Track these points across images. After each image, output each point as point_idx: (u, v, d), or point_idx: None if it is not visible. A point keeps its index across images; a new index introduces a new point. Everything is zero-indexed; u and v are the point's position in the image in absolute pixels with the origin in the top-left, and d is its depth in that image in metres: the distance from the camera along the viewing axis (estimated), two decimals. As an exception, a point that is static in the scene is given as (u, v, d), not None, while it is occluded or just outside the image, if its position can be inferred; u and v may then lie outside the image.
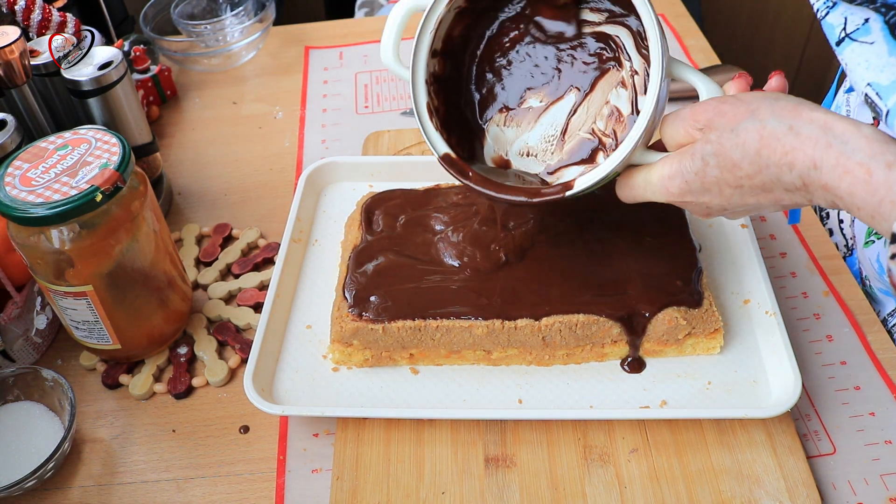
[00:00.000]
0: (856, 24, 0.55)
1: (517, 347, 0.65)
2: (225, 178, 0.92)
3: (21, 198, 0.59)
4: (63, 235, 0.60)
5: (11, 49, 0.73)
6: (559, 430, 0.63)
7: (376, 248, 0.71)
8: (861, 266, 0.76)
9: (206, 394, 0.69)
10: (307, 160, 0.93)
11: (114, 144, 0.63)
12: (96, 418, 0.68)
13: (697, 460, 0.60)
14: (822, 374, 0.66)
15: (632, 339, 0.65)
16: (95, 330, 0.66)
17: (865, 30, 0.55)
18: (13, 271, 0.68)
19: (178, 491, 0.63)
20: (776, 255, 0.77)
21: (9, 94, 0.76)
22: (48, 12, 0.87)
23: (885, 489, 0.59)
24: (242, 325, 0.74)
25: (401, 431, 0.64)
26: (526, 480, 0.60)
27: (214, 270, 0.79)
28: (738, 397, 0.63)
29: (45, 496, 0.63)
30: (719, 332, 0.65)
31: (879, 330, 0.69)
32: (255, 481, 0.63)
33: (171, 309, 0.70)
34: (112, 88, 0.77)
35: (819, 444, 0.62)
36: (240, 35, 1.07)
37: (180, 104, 1.05)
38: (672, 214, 0.72)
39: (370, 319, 0.65)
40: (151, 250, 0.66)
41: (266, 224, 0.85)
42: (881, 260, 0.69)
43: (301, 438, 0.65)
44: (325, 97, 1.03)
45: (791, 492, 0.58)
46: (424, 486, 0.60)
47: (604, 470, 0.60)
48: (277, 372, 0.67)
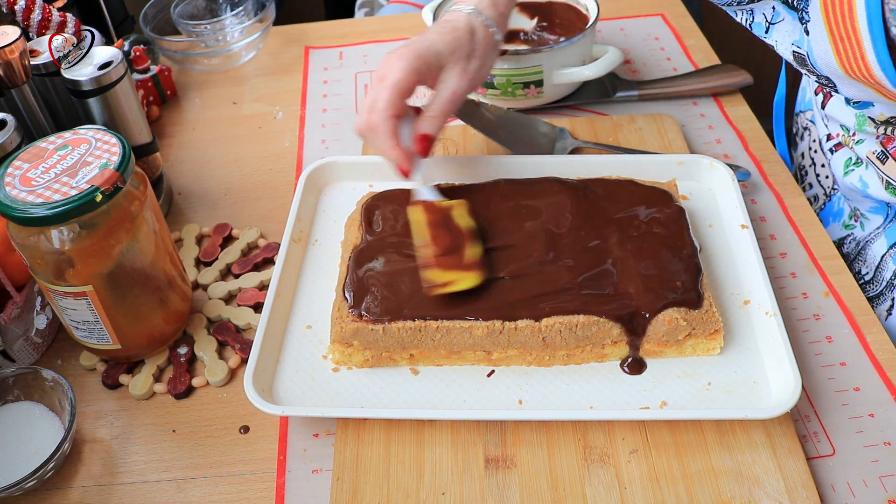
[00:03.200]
0: (770, 14, 0.71)
1: (517, 348, 0.65)
2: (225, 178, 0.92)
3: (21, 198, 0.59)
4: (63, 235, 0.60)
5: (11, 49, 0.73)
6: (559, 431, 0.63)
7: (376, 248, 0.71)
8: (845, 202, 0.83)
9: (206, 394, 0.69)
10: (307, 160, 0.93)
11: (114, 144, 0.63)
12: (96, 418, 0.68)
13: (697, 461, 0.61)
14: (822, 375, 0.66)
15: (632, 339, 0.65)
16: (95, 330, 0.66)
17: (776, 14, 0.70)
18: (13, 271, 0.68)
19: (178, 491, 0.63)
20: (776, 255, 0.77)
21: (9, 94, 0.76)
22: (48, 12, 0.87)
23: (884, 490, 0.59)
24: (242, 325, 0.74)
25: (401, 432, 0.64)
26: (526, 481, 0.60)
27: (214, 270, 0.79)
28: (738, 398, 0.63)
29: (45, 496, 0.63)
30: (719, 332, 0.65)
31: (879, 331, 0.69)
32: (255, 481, 0.63)
33: (171, 309, 0.70)
34: (112, 88, 0.77)
35: (818, 446, 0.62)
36: (240, 35, 1.07)
37: (180, 104, 1.05)
38: (672, 215, 0.72)
39: (370, 320, 0.65)
40: (151, 250, 0.66)
41: (266, 224, 0.85)
42: (862, 178, 0.78)
43: (301, 439, 0.65)
44: (325, 97, 1.03)
45: (791, 493, 0.58)
46: (424, 487, 0.60)
47: (604, 470, 0.60)
48: (277, 372, 0.67)
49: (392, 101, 0.68)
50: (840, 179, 0.81)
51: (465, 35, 0.71)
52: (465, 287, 0.65)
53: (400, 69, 0.68)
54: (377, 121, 0.68)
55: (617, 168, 0.80)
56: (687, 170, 0.81)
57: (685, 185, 0.80)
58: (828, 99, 0.78)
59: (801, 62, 0.70)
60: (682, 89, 0.96)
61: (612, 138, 0.90)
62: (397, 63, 0.68)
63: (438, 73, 0.71)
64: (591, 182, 0.76)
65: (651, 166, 0.81)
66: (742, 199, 0.76)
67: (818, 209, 0.89)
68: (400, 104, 0.69)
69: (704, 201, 0.80)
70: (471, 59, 0.72)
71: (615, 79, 0.98)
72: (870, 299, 0.78)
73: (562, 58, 0.90)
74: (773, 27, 0.71)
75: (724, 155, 0.88)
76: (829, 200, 0.88)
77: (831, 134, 0.82)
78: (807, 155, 0.93)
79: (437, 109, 0.71)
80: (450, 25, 0.72)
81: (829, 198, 0.89)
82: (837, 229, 0.86)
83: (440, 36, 0.71)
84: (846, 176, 0.80)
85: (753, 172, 0.86)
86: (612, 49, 0.92)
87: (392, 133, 0.68)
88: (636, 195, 0.74)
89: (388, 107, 0.68)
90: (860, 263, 0.81)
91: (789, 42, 0.70)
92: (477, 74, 0.73)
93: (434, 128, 0.70)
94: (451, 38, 0.71)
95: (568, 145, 0.88)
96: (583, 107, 0.97)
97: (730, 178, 0.78)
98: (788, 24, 0.69)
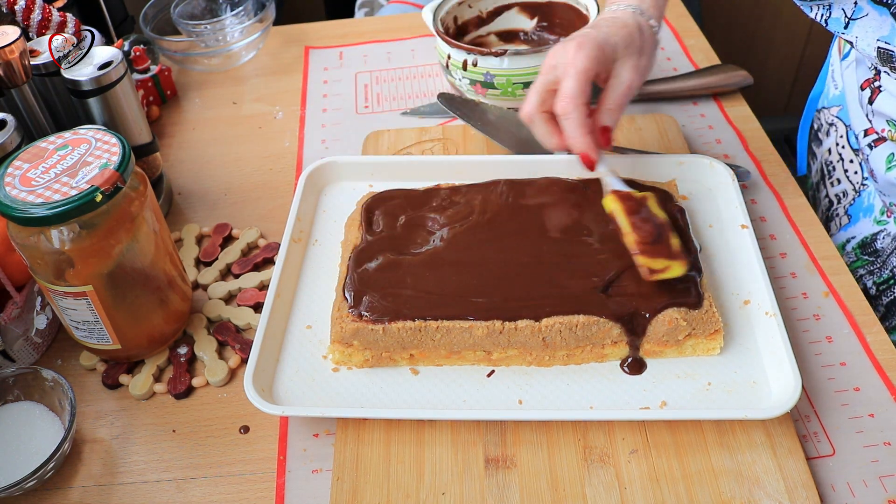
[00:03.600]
0: (850, 9, 0.72)
1: (517, 348, 0.65)
2: (225, 178, 0.92)
3: (21, 198, 0.59)
4: (63, 235, 0.60)
5: (11, 49, 0.73)
6: (559, 431, 0.63)
7: (376, 248, 0.71)
8: (877, 197, 0.84)
9: (206, 394, 0.69)
10: (307, 160, 0.93)
11: (114, 144, 0.63)
12: (96, 418, 0.68)
13: (697, 461, 0.61)
14: (822, 376, 0.66)
15: (632, 339, 0.65)
16: (95, 330, 0.66)
17: (859, 9, 0.71)
18: (13, 271, 0.68)
19: (178, 491, 0.63)
20: (776, 255, 0.77)
21: (9, 94, 0.76)
22: (48, 12, 0.87)
23: (884, 491, 0.59)
24: (242, 325, 0.74)
25: (401, 432, 0.64)
26: (526, 481, 0.60)
27: (214, 270, 0.79)
28: (738, 398, 0.63)
29: (45, 496, 0.63)
30: (719, 332, 0.65)
31: (879, 331, 0.69)
32: (255, 481, 0.63)
33: (171, 309, 0.70)
34: (112, 88, 0.77)
35: (818, 446, 0.62)
36: (240, 35, 1.07)
37: (180, 104, 1.05)
38: (673, 215, 0.72)
39: (370, 320, 0.65)
40: (151, 250, 0.66)
41: (266, 224, 0.85)
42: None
43: (301, 439, 0.65)
44: (325, 97, 1.03)
45: (790, 493, 0.58)
46: (424, 487, 0.60)
47: (604, 471, 0.60)
48: (277, 372, 0.67)
49: (582, 88, 0.67)
50: (881, 174, 0.81)
51: (636, 31, 0.72)
52: (677, 274, 0.65)
53: (586, 57, 0.67)
54: (570, 108, 0.67)
55: (617, 168, 0.80)
56: (687, 170, 0.81)
57: (685, 185, 0.80)
58: (876, 94, 0.78)
59: (886, 58, 0.70)
60: (682, 89, 0.96)
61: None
62: (581, 52, 0.67)
63: (611, 65, 0.70)
64: (591, 182, 0.76)
65: (651, 166, 0.81)
66: (742, 199, 0.76)
67: (847, 205, 0.89)
68: (588, 91, 0.68)
69: (704, 201, 0.80)
70: (641, 55, 0.72)
71: (615, 79, 0.98)
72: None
73: (562, 58, 0.90)
74: (854, 23, 0.71)
75: (724, 155, 0.88)
76: (858, 196, 0.88)
77: (872, 129, 0.81)
78: (834, 150, 0.92)
79: (615, 102, 0.70)
80: (621, 21, 0.72)
81: (858, 193, 0.88)
82: (868, 224, 0.85)
83: (615, 30, 0.71)
84: (889, 171, 0.79)
85: (753, 172, 0.86)
86: (612, 49, 0.92)
87: (583, 121, 0.68)
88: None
89: (580, 94, 0.67)
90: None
91: (874, 38, 0.70)
92: (646, 70, 0.73)
93: (613, 120, 0.70)
94: (625, 33, 0.70)
95: (568, 145, 0.88)
96: (583, 107, 0.97)
97: (730, 178, 0.78)
98: (874, 20, 0.70)
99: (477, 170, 0.81)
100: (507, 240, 0.70)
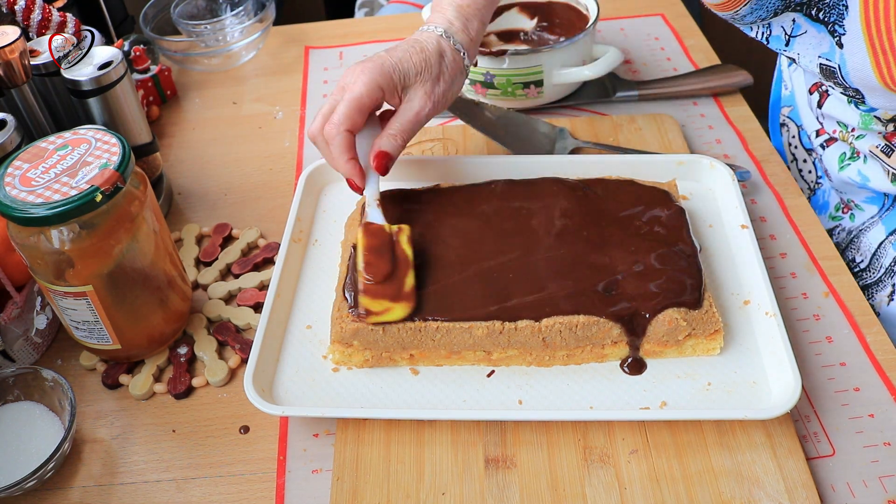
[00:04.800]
0: (790, 27, 0.71)
1: (517, 348, 0.65)
2: (225, 178, 0.92)
3: (21, 198, 0.59)
4: (63, 235, 0.60)
5: (11, 49, 0.73)
6: (559, 431, 0.63)
7: (376, 249, 0.71)
8: (833, 194, 0.84)
9: (206, 394, 0.69)
10: (307, 160, 0.93)
11: (114, 144, 0.63)
12: (96, 418, 0.68)
13: (697, 461, 0.61)
14: (822, 376, 0.66)
15: (632, 339, 0.65)
16: (95, 330, 0.66)
17: (797, 27, 0.71)
18: (13, 271, 0.68)
19: (178, 491, 0.63)
20: (776, 255, 0.77)
21: (9, 94, 0.76)
22: (48, 12, 0.87)
23: (884, 491, 0.59)
24: (242, 325, 0.74)
25: (401, 432, 0.64)
26: (526, 481, 0.60)
27: (214, 270, 0.79)
28: (738, 398, 0.63)
29: (45, 496, 0.63)
30: (719, 332, 0.65)
31: (879, 331, 0.69)
32: (255, 481, 0.63)
33: (171, 309, 0.70)
34: (112, 88, 0.77)
35: (818, 446, 0.62)
36: (240, 35, 1.07)
37: (180, 104, 1.05)
38: (672, 215, 0.72)
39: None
40: (151, 250, 0.66)
41: (266, 224, 0.85)
42: (861, 171, 0.79)
43: (301, 439, 0.65)
44: (325, 97, 1.03)
45: (790, 493, 0.58)
46: (424, 487, 0.60)
47: (604, 471, 0.60)
48: (277, 372, 0.67)
49: (349, 115, 0.67)
50: (834, 174, 0.82)
51: (435, 57, 0.71)
52: (396, 318, 0.64)
53: (363, 84, 0.67)
54: (332, 133, 0.68)
55: (617, 168, 0.80)
56: (687, 170, 0.81)
57: (685, 185, 0.80)
58: (825, 98, 0.78)
59: (828, 74, 0.69)
60: (682, 89, 0.96)
61: (612, 138, 0.90)
62: (361, 77, 0.68)
63: (403, 92, 0.70)
64: (591, 182, 0.76)
65: (651, 166, 0.81)
66: (742, 199, 0.76)
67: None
68: (357, 119, 0.68)
69: (704, 201, 0.80)
70: (438, 82, 0.71)
71: (615, 79, 0.98)
72: (866, 287, 0.79)
73: (562, 58, 0.90)
74: (795, 40, 0.71)
75: (724, 155, 0.88)
76: (813, 195, 0.90)
77: (823, 129, 0.82)
78: (787, 150, 0.94)
79: (398, 128, 0.70)
80: (419, 45, 0.71)
81: (813, 192, 0.90)
82: (824, 221, 0.86)
83: (409, 55, 0.70)
84: (842, 170, 0.80)
85: (753, 172, 0.86)
86: (612, 49, 0.92)
87: (345, 147, 0.68)
88: (636, 195, 0.74)
89: (344, 121, 0.67)
90: (853, 252, 0.82)
91: (815, 54, 0.70)
92: (442, 98, 0.72)
93: (393, 146, 0.69)
94: (419, 59, 0.70)
95: (568, 145, 0.88)
96: (583, 107, 0.97)
97: (730, 178, 0.78)
98: (812, 37, 0.69)
99: (477, 170, 0.81)
100: (507, 240, 0.70)
